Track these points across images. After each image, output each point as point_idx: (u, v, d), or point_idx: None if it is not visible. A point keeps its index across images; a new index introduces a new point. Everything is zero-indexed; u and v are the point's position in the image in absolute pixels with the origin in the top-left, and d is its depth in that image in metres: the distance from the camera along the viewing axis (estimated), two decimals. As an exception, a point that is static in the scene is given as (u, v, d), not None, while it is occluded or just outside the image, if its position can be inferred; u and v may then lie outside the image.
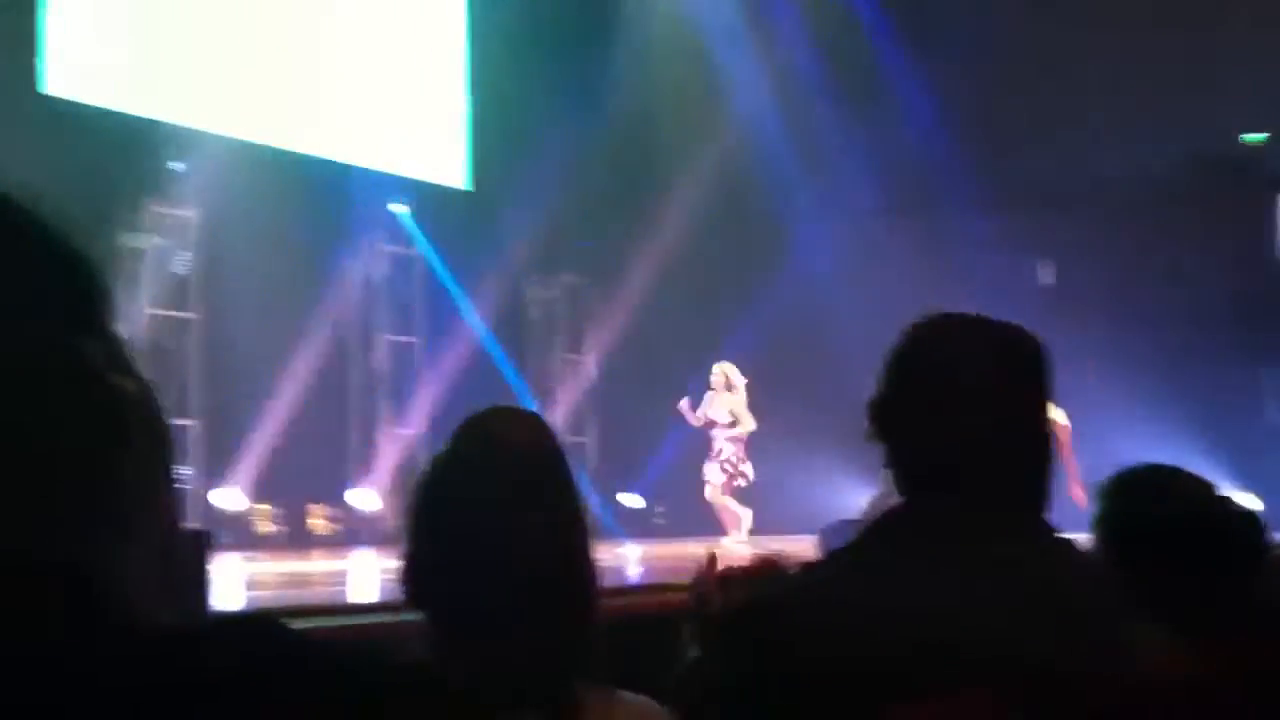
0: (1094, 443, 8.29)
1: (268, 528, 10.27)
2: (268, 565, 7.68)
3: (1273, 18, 12.01)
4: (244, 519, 10.14)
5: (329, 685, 0.61)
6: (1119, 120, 12.56)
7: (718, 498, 8.89)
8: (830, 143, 13.09)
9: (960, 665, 1.25)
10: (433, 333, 11.68)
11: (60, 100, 9.06)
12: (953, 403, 1.43)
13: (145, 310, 9.69)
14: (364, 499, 11.08)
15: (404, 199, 11.61)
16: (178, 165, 9.88)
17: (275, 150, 10.29)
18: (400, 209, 11.61)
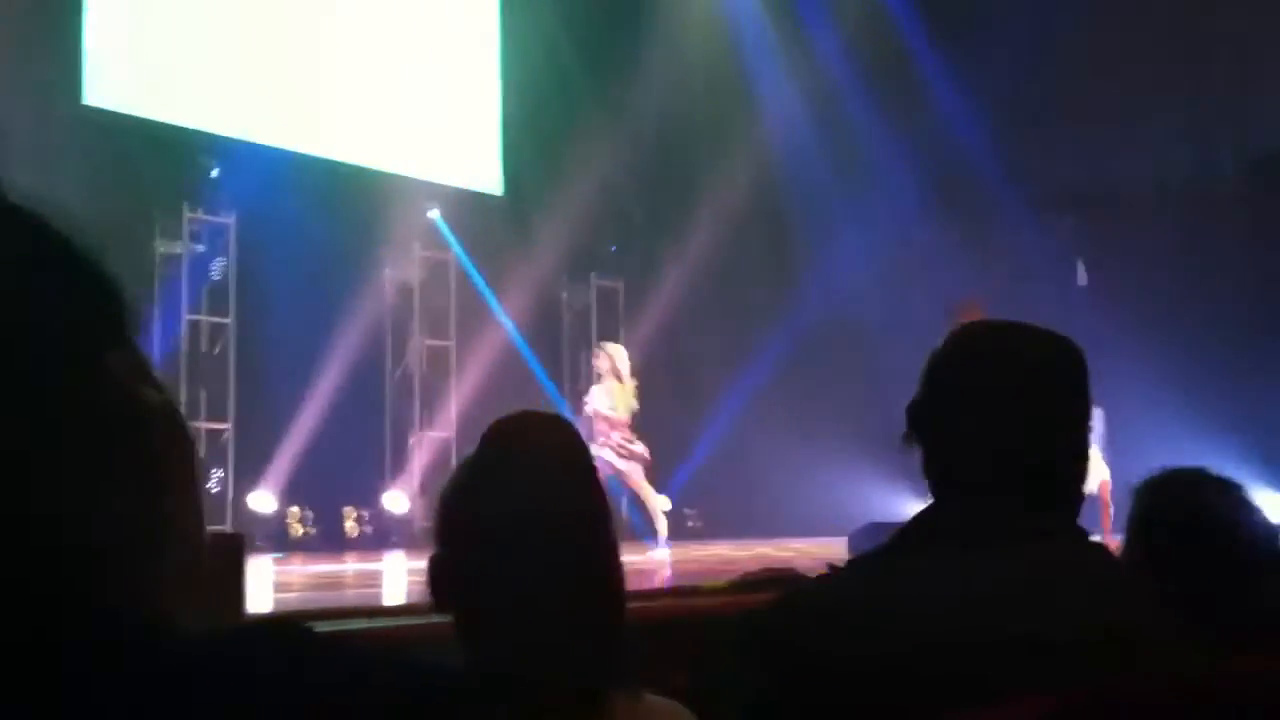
0: (1131, 444, 8.24)
1: (301, 530, 10.35)
2: (299, 567, 7.73)
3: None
4: (278, 521, 10.22)
5: (358, 689, 0.61)
6: (1162, 120, 12.44)
7: (641, 484, 8.39)
8: (865, 145, 13.02)
9: (993, 668, 1.25)
10: (466, 336, 11.73)
11: (102, 111, 9.18)
12: (987, 406, 1.44)
13: (183, 315, 9.82)
14: (397, 502, 11.14)
15: (438, 204, 11.68)
16: (215, 172, 10.00)
17: (311, 157, 10.39)
18: (434, 214, 11.68)
